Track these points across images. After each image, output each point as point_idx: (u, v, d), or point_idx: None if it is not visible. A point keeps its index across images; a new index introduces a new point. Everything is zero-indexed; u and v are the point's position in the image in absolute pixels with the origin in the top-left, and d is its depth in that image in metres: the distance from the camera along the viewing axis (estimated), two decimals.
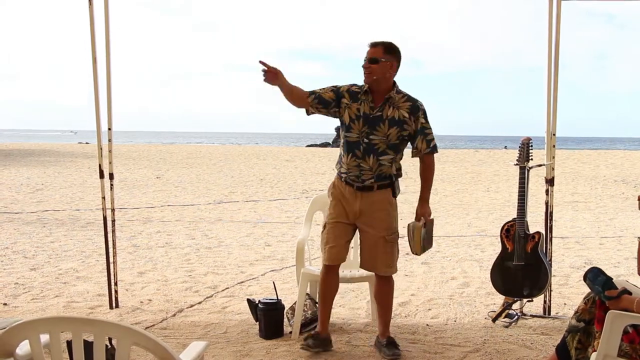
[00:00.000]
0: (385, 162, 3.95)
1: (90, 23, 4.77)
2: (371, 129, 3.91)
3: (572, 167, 22.66)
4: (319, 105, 4.01)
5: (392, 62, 3.91)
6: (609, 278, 2.91)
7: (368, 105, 3.94)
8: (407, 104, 3.94)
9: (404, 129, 3.92)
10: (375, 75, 3.88)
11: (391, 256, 4.03)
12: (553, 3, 4.53)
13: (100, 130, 4.95)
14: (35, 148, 35.45)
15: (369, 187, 3.97)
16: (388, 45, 3.92)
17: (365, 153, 3.93)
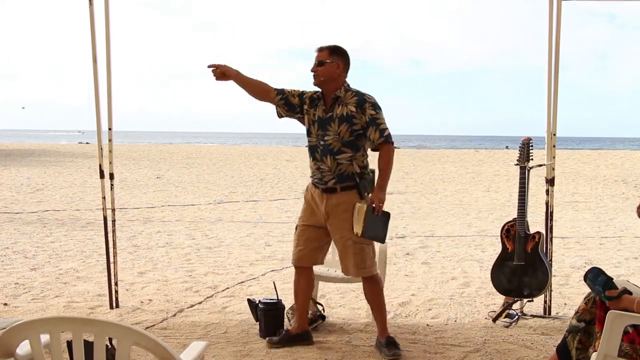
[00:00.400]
0: (343, 161, 3.97)
1: (91, 23, 4.77)
2: (324, 130, 4.00)
3: (573, 167, 22.66)
4: (286, 107, 4.17)
5: (338, 62, 4.02)
6: (609, 278, 2.91)
7: (321, 108, 4.05)
8: (355, 98, 3.99)
9: (353, 124, 3.95)
10: (322, 76, 4.01)
11: (361, 257, 4.01)
12: (553, 3, 4.52)
13: (100, 130, 4.95)
14: (35, 148, 35.46)
15: (332, 189, 4.01)
16: (333, 47, 4.06)
17: (322, 155, 4.00)
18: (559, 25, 4.53)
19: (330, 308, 5.05)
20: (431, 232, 9.15)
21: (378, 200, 3.89)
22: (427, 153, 35.00)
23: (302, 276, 4.28)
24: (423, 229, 9.45)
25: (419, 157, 29.30)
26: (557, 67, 4.58)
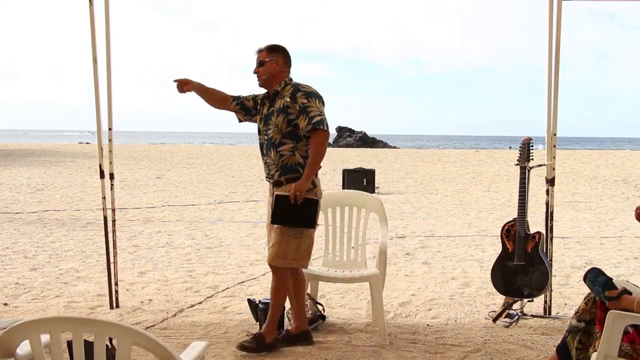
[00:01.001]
0: (285, 152, 4.02)
1: (91, 23, 4.78)
2: (267, 125, 4.08)
3: (573, 167, 22.66)
4: (242, 111, 4.31)
5: (277, 59, 4.10)
6: (609, 278, 2.91)
7: (267, 106, 4.14)
8: (290, 90, 4.04)
9: (288, 114, 3.99)
10: (264, 75, 4.10)
11: (284, 247, 3.99)
12: (553, 3, 4.53)
13: (100, 130, 4.95)
14: (35, 148, 35.46)
15: (279, 182, 4.06)
16: (270, 46, 4.15)
17: (267, 149, 4.10)
18: (559, 25, 4.53)
19: (330, 308, 5.05)
20: (431, 232, 9.15)
21: (296, 189, 3.89)
22: (427, 153, 35.01)
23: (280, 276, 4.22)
24: (423, 229, 9.45)
25: (419, 157, 29.30)
26: (557, 67, 4.58)
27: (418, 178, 19.01)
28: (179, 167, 22.62)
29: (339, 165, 22.77)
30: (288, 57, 4.17)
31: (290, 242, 4.01)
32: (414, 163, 25.52)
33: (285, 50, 4.17)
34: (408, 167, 23.21)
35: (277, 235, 4.02)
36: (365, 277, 4.48)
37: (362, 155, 30.93)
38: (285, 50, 4.17)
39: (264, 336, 4.05)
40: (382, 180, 17.29)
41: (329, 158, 27.89)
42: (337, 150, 37.01)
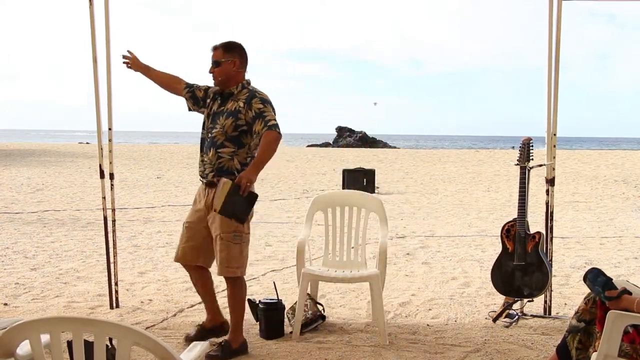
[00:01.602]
0: (224, 155, 3.96)
1: (91, 23, 4.78)
2: (214, 123, 4.02)
3: (573, 167, 22.66)
4: (192, 100, 4.24)
5: (234, 59, 4.00)
6: (608, 278, 2.91)
7: (217, 103, 4.07)
8: (245, 95, 3.99)
9: (238, 119, 3.94)
10: (220, 76, 4.01)
11: (226, 255, 3.93)
12: (553, 3, 4.53)
13: (100, 130, 4.95)
14: (35, 148, 35.46)
15: (212, 183, 4.00)
16: (226, 44, 4.03)
17: (207, 147, 4.03)
18: (559, 25, 4.53)
19: (330, 308, 5.04)
20: (431, 232, 9.15)
21: (247, 179, 3.73)
22: (427, 153, 35.02)
23: (193, 275, 4.25)
24: (423, 229, 9.45)
25: (419, 157, 29.31)
26: (558, 67, 4.58)
27: (418, 178, 19.01)
28: (179, 167, 22.62)
29: (339, 165, 22.78)
30: (245, 56, 4.05)
31: (232, 249, 3.93)
32: (414, 163, 25.52)
33: (242, 49, 4.05)
34: (408, 167, 23.21)
35: (217, 244, 3.96)
36: (366, 277, 4.48)
37: (362, 155, 30.94)
38: (242, 49, 4.05)
39: (230, 343, 4.03)
40: (382, 180, 17.29)
41: (329, 158, 27.92)
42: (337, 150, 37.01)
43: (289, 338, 4.35)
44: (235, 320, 4.09)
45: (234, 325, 4.09)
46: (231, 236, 3.93)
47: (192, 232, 4.13)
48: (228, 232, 3.93)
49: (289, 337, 4.37)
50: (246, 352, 4.04)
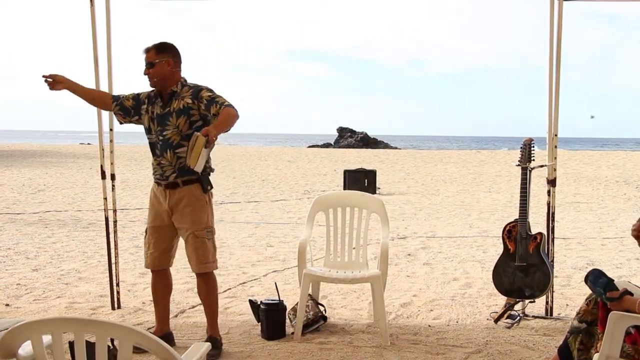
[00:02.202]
0: (183, 155, 3.94)
1: (92, 24, 4.78)
2: (163, 125, 3.98)
3: (574, 167, 22.65)
4: (121, 112, 4.19)
5: (167, 59, 3.99)
6: (610, 280, 2.91)
7: (159, 105, 4.04)
8: (190, 91, 3.99)
9: (191, 115, 3.95)
10: (156, 77, 3.99)
11: (203, 252, 4.00)
12: (554, 3, 4.53)
13: (102, 131, 4.96)
14: (37, 149, 35.49)
15: (174, 184, 3.99)
16: (158, 45, 4.03)
17: (162, 150, 3.99)
18: (560, 26, 4.53)
19: (331, 309, 5.04)
20: (433, 232, 9.15)
21: (214, 134, 3.69)
22: (428, 153, 35.01)
23: (160, 279, 4.24)
24: (424, 229, 9.45)
25: (420, 158, 29.30)
26: (559, 67, 4.58)
27: (419, 179, 19.00)
28: None
29: (340, 165, 22.78)
30: (178, 55, 4.04)
31: (206, 244, 4.01)
32: (415, 164, 25.51)
33: (174, 49, 4.05)
34: (409, 168, 23.21)
35: (192, 241, 3.99)
36: (367, 277, 4.48)
37: (363, 155, 30.94)
38: (174, 49, 4.05)
39: (217, 337, 4.11)
40: (383, 180, 17.28)
41: (330, 159, 27.92)
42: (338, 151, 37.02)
43: (290, 339, 4.35)
44: (215, 313, 4.17)
45: (214, 319, 4.17)
46: (204, 232, 4.01)
47: (158, 235, 4.11)
48: (201, 229, 4.00)
49: (290, 337, 4.37)
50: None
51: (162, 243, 4.12)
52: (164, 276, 4.25)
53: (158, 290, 4.26)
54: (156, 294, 4.27)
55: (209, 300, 4.17)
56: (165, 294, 4.29)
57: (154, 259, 4.15)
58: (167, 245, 4.14)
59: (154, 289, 4.28)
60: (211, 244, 4.06)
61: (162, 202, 4.06)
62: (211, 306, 4.17)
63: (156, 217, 4.11)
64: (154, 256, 4.14)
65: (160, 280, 4.24)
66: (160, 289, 4.25)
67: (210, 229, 4.06)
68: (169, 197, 4.02)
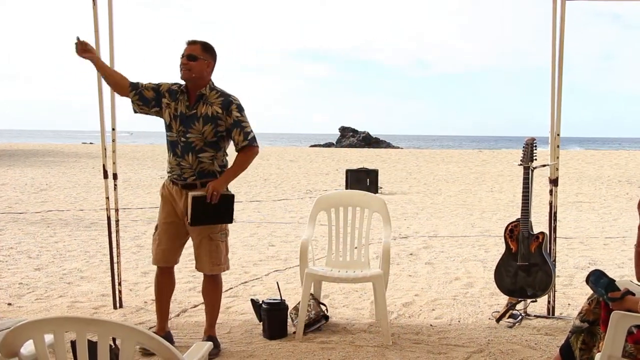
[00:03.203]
0: (205, 160, 3.95)
1: (94, 23, 4.78)
2: (187, 127, 3.94)
3: (576, 167, 22.62)
4: (140, 102, 4.09)
5: (209, 60, 3.99)
6: (611, 280, 2.91)
7: (184, 104, 3.99)
8: (220, 99, 3.96)
9: (218, 125, 3.93)
10: (194, 72, 3.93)
11: (216, 255, 4.04)
12: (557, 3, 4.52)
13: (104, 131, 4.96)
14: (39, 148, 35.53)
15: (192, 185, 3.98)
16: (205, 43, 4.01)
17: (183, 151, 3.96)
18: (563, 25, 4.52)
19: (333, 308, 5.05)
20: (435, 232, 9.14)
21: (213, 189, 3.82)
22: (430, 153, 34.98)
23: (165, 276, 4.22)
24: (426, 229, 9.44)
25: (423, 157, 29.29)
26: (561, 67, 4.57)
27: (421, 178, 18.99)
28: None
29: (342, 165, 22.79)
30: (216, 61, 4.05)
31: (220, 247, 4.05)
32: (417, 163, 25.50)
33: (216, 55, 4.04)
34: (411, 168, 23.19)
35: (206, 244, 4.01)
36: (369, 277, 4.48)
37: (365, 155, 30.93)
38: (216, 55, 4.04)
39: (215, 337, 4.13)
40: (385, 180, 17.28)
41: (333, 158, 27.91)
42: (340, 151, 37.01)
43: (292, 338, 4.35)
44: (216, 314, 4.20)
45: (215, 320, 4.20)
46: (219, 235, 4.05)
47: (172, 232, 4.10)
48: (216, 232, 4.03)
49: (292, 337, 4.37)
50: None
51: (175, 240, 4.11)
52: (169, 274, 4.24)
53: (163, 287, 4.24)
54: (160, 292, 4.24)
55: (213, 301, 4.18)
56: (169, 292, 4.28)
57: (168, 254, 4.13)
58: (179, 242, 4.14)
59: (159, 286, 4.24)
60: (224, 245, 4.09)
61: (177, 201, 4.04)
62: (215, 306, 4.18)
63: (170, 214, 4.09)
64: (168, 252, 4.12)
65: (165, 277, 4.23)
66: (165, 286, 4.24)
67: (224, 231, 4.10)
68: (184, 197, 3.99)
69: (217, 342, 4.10)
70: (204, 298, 4.24)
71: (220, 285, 4.22)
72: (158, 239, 4.14)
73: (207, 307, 4.22)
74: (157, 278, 4.25)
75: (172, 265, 4.21)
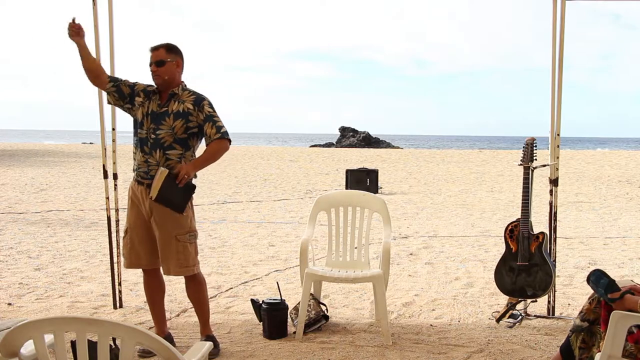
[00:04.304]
0: (172, 157, 3.94)
1: (94, 23, 4.78)
2: (157, 124, 3.96)
3: (576, 167, 22.62)
4: (116, 94, 4.12)
5: (177, 60, 4.01)
6: (611, 280, 2.91)
7: (156, 102, 4.03)
8: (192, 97, 4.00)
9: (189, 120, 3.94)
10: (166, 75, 3.98)
11: (184, 256, 3.97)
12: (557, 3, 4.52)
13: (104, 131, 4.96)
14: (39, 148, 35.53)
15: None
16: (167, 45, 4.04)
17: (152, 148, 3.96)
18: (563, 25, 4.53)
19: (333, 308, 5.05)
20: (434, 232, 9.14)
21: (185, 171, 3.81)
22: (430, 153, 34.98)
23: (152, 278, 4.20)
24: (426, 229, 9.44)
25: (423, 158, 29.29)
26: (561, 67, 4.58)
27: (421, 178, 18.99)
28: None
29: (342, 165, 22.79)
30: (183, 58, 4.08)
31: (188, 248, 3.98)
32: (417, 163, 25.50)
33: (181, 52, 4.07)
34: (411, 168, 23.19)
35: (173, 244, 3.95)
36: (369, 277, 4.48)
37: (365, 155, 30.93)
38: (181, 52, 4.07)
39: (212, 336, 4.14)
40: (385, 180, 17.28)
41: (333, 158, 27.90)
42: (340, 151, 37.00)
43: (292, 338, 4.35)
44: (206, 313, 4.18)
45: (207, 319, 4.19)
46: (187, 237, 3.98)
47: (143, 234, 4.05)
48: (184, 233, 3.96)
49: (292, 337, 4.37)
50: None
51: (149, 241, 4.06)
52: (156, 275, 4.21)
53: (153, 289, 4.22)
54: (152, 295, 4.23)
55: (199, 301, 4.16)
56: (160, 294, 4.26)
57: (138, 257, 4.08)
58: (151, 244, 4.06)
59: (149, 289, 4.22)
60: (193, 247, 4.02)
61: (142, 201, 4.01)
62: (202, 306, 4.16)
63: (138, 216, 4.05)
64: (139, 254, 4.07)
65: (152, 279, 4.20)
66: (155, 288, 4.22)
67: (193, 232, 4.02)
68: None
69: (216, 341, 4.10)
70: (190, 299, 4.22)
71: (204, 284, 4.17)
72: (130, 242, 4.10)
73: (195, 307, 4.22)
74: (144, 282, 4.24)
75: (154, 267, 4.14)
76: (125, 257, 4.15)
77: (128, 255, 4.12)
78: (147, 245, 4.07)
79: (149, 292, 4.24)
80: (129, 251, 4.11)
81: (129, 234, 4.10)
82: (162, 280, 4.26)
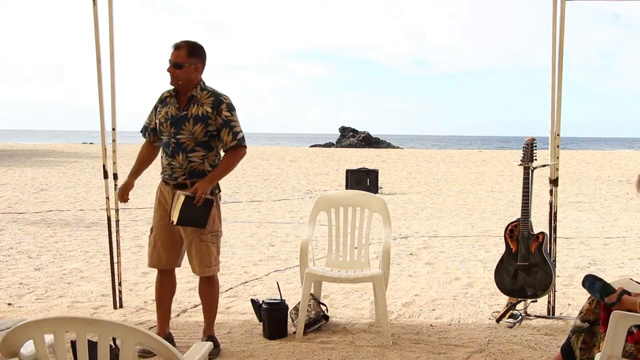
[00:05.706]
0: (195, 159, 3.95)
1: (95, 22, 4.78)
2: (178, 129, 3.94)
3: (576, 167, 22.62)
4: (156, 135, 4.14)
5: (197, 64, 3.95)
6: (605, 283, 2.91)
7: (174, 107, 3.99)
8: (211, 99, 3.96)
9: (208, 124, 3.93)
10: (181, 80, 3.94)
11: (207, 256, 4.00)
12: (557, 3, 4.52)
13: (104, 131, 4.96)
14: (39, 148, 35.52)
15: (183, 185, 3.97)
16: (191, 47, 3.94)
17: (174, 151, 3.96)
18: (563, 25, 4.53)
19: (333, 308, 5.05)
20: (435, 232, 9.14)
21: (202, 190, 3.83)
22: (430, 153, 34.97)
23: (166, 279, 4.20)
24: (426, 229, 9.44)
25: (423, 158, 29.28)
26: (561, 67, 4.58)
27: (421, 178, 18.99)
28: None
29: (342, 165, 22.79)
30: (205, 60, 4.02)
31: (210, 248, 4.01)
32: (417, 163, 25.49)
33: (204, 54, 4.01)
34: (411, 168, 23.19)
35: (196, 245, 3.97)
36: (369, 277, 4.48)
37: (365, 155, 30.92)
38: (204, 54, 4.01)
39: (214, 337, 4.15)
40: (385, 180, 17.28)
41: (333, 158, 27.90)
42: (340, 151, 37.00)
43: (292, 338, 4.35)
44: (213, 315, 4.20)
45: (213, 320, 4.21)
46: (210, 237, 4.00)
47: (167, 233, 4.07)
48: (206, 233, 3.98)
49: (292, 337, 4.37)
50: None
51: (171, 241, 4.08)
52: (170, 276, 4.22)
53: (163, 290, 4.22)
54: (161, 295, 4.22)
55: (210, 302, 4.18)
56: (169, 295, 4.26)
57: (160, 257, 4.10)
58: (175, 244, 4.10)
59: (160, 289, 4.22)
60: (215, 247, 4.05)
61: (169, 200, 4.03)
62: (212, 307, 4.19)
63: (164, 215, 4.05)
64: (160, 254, 4.10)
65: (166, 280, 4.21)
66: (166, 289, 4.22)
67: (215, 232, 4.04)
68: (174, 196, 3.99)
69: (217, 342, 4.11)
70: (201, 298, 4.24)
71: (217, 286, 4.21)
72: (153, 241, 4.12)
73: (204, 307, 4.22)
74: (157, 281, 4.23)
75: (172, 267, 4.18)
76: (148, 256, 4.18)
77: (150, 254, 4.15)
78: (168, 245, 4.09)
79: (159, 292, 4.23)
80: (151, 250, 4.14)
81: (153, 232, 4.14)
82: (174, 281, 4.27)
